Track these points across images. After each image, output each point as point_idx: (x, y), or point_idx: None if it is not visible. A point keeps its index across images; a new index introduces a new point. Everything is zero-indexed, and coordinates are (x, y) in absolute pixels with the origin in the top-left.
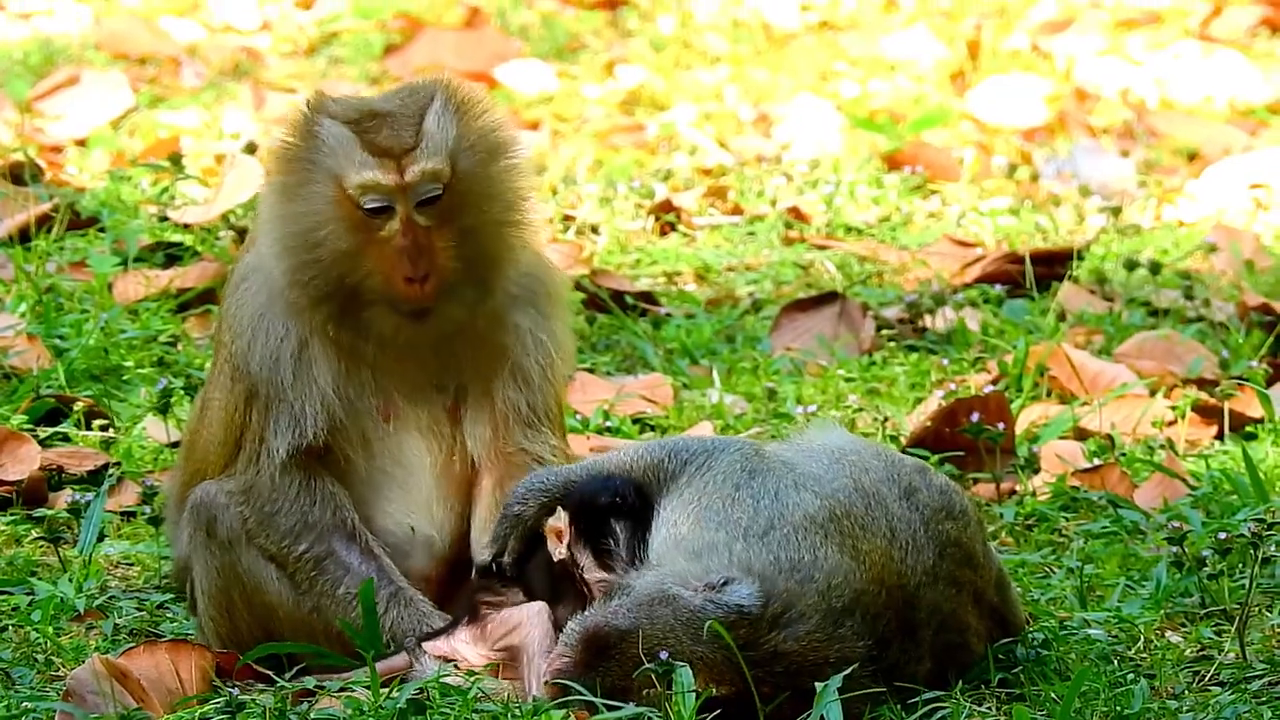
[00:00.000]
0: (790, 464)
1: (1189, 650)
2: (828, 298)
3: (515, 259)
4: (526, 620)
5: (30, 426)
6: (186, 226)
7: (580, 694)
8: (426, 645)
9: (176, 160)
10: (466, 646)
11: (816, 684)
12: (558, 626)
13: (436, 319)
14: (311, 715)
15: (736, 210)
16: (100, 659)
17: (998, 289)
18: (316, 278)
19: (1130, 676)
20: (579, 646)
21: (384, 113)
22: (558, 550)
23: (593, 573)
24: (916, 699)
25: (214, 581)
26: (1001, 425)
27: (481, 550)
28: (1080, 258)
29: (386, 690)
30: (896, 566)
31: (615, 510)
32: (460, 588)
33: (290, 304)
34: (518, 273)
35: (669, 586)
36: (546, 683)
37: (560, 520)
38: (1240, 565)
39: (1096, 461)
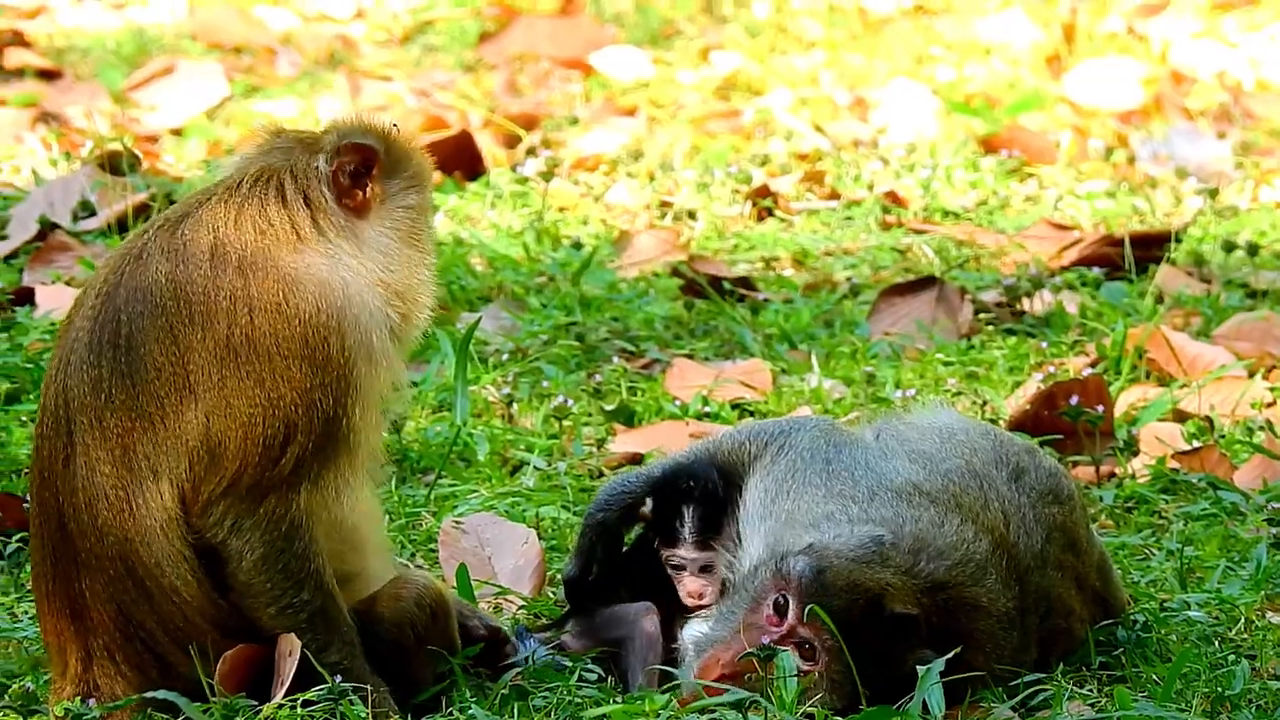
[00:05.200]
0: (904, 438)
1: None
2: (925, 282)
3: None
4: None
5: None
6: None
7: (676, 679)
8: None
9: None
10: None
11: (973, 624)
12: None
13: None
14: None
15: (833, 195)
16: None
17: (1095, 272)
18: None
19: (1231, 658)
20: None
21: None
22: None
23: (685, 554)
24: (1018, 681)
25: None
26: (1100, 408)
27: (568, 564)
28: (1178, 240)
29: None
30: (1010, 548)
31: (690, 496)
32: None
33: None
34: None
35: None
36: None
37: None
38: None
39: (1196, 443)
